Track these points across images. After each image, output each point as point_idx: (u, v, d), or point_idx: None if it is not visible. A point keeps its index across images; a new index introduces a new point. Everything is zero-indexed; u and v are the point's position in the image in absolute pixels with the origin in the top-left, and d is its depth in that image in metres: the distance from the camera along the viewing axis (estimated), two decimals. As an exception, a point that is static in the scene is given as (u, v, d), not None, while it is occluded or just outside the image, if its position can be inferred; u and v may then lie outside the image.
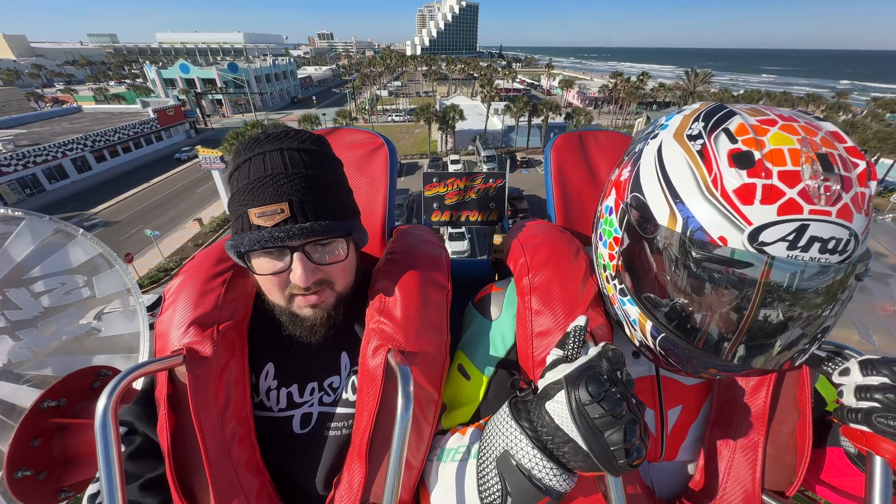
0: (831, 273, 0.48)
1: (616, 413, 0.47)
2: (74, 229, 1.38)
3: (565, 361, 0.57)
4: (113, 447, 0.57)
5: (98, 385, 1.15)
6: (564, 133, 1.08)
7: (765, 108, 0.57)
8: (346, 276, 0.74)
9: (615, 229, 0.65)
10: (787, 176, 0.47)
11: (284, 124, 0.73)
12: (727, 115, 0.55)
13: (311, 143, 0.70)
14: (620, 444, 0.46)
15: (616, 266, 0.65)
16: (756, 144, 0.50)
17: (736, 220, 0.48)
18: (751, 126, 0.52)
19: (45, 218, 1.33)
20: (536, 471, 0.52)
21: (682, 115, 0.62)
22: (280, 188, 0.63)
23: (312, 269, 0.67)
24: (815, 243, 0.46)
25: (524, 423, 0.55)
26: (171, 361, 0.68)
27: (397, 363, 0.64)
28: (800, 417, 0.71)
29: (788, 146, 0.48)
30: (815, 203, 0.46)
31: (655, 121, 0.69)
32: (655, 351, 0.63)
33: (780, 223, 0.46)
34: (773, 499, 0.69)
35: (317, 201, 0.66)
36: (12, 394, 1.21)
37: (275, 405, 0.77)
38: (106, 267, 1.43)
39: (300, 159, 0.66)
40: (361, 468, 0.68)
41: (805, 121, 0.53)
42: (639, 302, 0.61)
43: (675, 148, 0.57)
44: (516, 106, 36.48)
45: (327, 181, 0.69)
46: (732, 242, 0.49)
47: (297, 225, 0.63)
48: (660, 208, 0.56)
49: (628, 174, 0.64)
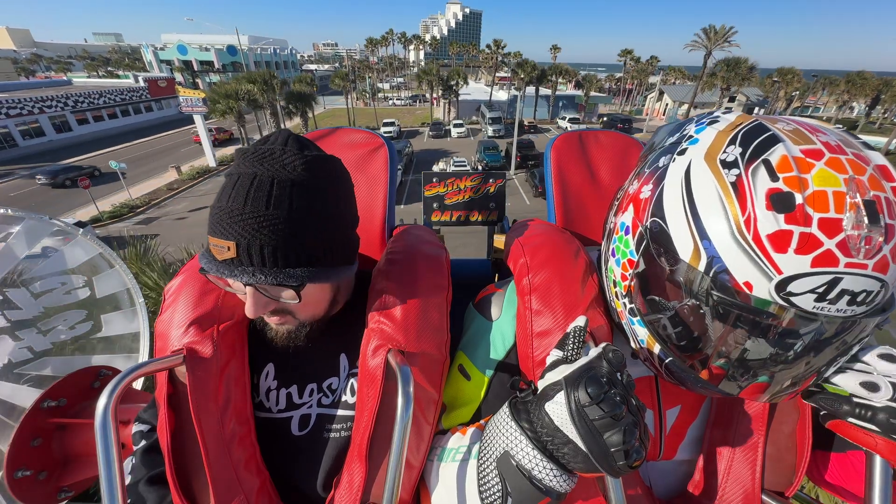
0: (856, 324, 0.47)
1: (616, 415, 0.47)
2: (74, 229, 1.38)
3: (565, 362, 0.57)
4: (113, 447, 0.57)
5: (98, 385, 1.15)
6: (564, 133, 1.08)
7: (811, 128, 0.50)
8: (308, 310, 0.71)
9: (631, 252, 0.61)
10: (828, 224, 0.43)
11: (288, 131, 0.69)
12: (768, 141, 0.48)
13: (294, 171, 0.62)
14: (620, 446, 0.46)
15: (628, 287, 0.63)
16: (798, 185, 0.44)
17: (765, 268, 0.45)
18: (794, 159, 0.46)
19: (45, 218, 1.33)
20: (536, 471, 0.52)
21: (716, 129, 0.55)
22: (231, 226, 0.59)
23: (265, 302, 0.64)
24: (845, 296, 0.43)
25: (524, 424, 0.55)
26: (171, 361, 0.68)
27: (397, 363, 0.64)
28: (799, 417, 0.71)
29: (834, 188, 0.43)
30: (853, 256, 0.42)
31: (682, 126, 0.62)
32: (661, 369, 0.62)
33: (812, 275, 0.43)
34: (772, 499, 0.69)
35: (266, 245, 0.60)
36: (12, 394, 1.21)
37: (274, 406, 0.77)
38: (106, 267, 1.44)
39: (266, 193, 0.60)
40: (361, 468, 0.68)
41: (853, 152, 0.47)
42: (649, 326, 0.60)
43: (707, 175, 0.51)
44: (523, 71, 35.69)
45: (292, 221, 0.61)
46: (758, 290, 0.46)
47: (241, 268, 0.60)
48: (683, 241, 0.52)
49: (650, 193, 0.58)
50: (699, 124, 0.59)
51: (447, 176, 2.36)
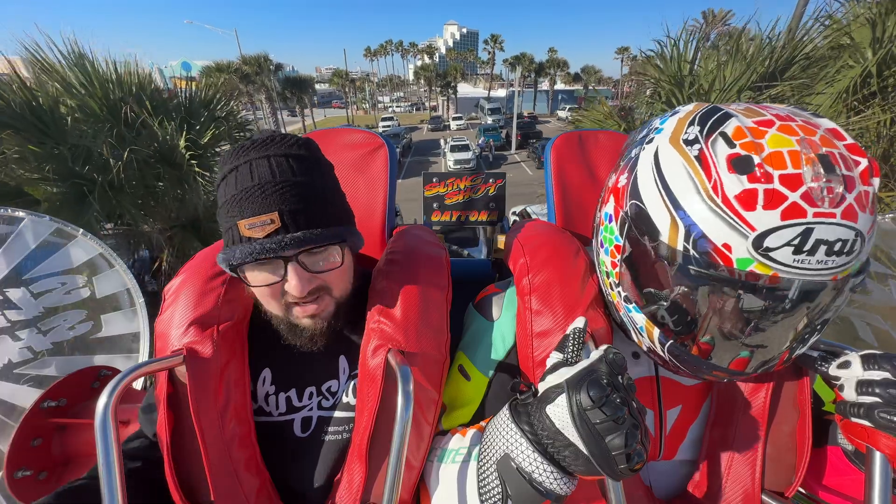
0: (838, 283, 0.48)
1: (617, 418, 0.47)
2: (74, 229, 1.38)
3: (566, 365, 0.57)
4: (113, 447, 0.57)
5: (98, 385, 1.16)
6: (564, 133, 1.08)
7: (761, 107, 0.56)
8: (343, 281, 0.72)
9: (616, 237, 0.64)
10: (789, 179, 0.46)
11: (272, 130, 0.72)
12: (723, 117, 0.54)
13: (299, 148, 0.67)
14: (622, 449, 0.46)
15: (619, 274, 0.64)
16: (754, 148, 0.49)
17: (739, 227, 0.48)
18: (747, 128, 0.51)
19: (45, 218, 1.33)
20: (537, 474, 0.52)
21: (677, 117, 0.61)
22: (269, 198, 0.61)
23: (308, 277, 0.65)
24: (822, 246, 0.46)
25: (524, 427, 0.55)
26: (171, 361, 0.68)
27: (397, 363, 0.64)
28: (799, 417, 0.71)
29: (788, 148, 0.48)
30: (818, 206, 0.45)
31: (649, 123, 0.67)
32: (665, 357, 0.62)
33: (785, 228, 0.46)
34: (772, 499, 0.69)
35: (308, 209, 0.63)
36: (12, 394, 1.21)
37: (274, 410, 0.77)
38: (106, 267, 1.44)
39: (288, 166, 0.64)
40: (361, 468, 0.68)
41: (802, 119, 0.52)
42: (644, 310, 0.61)
43: (672, 154, 0.56)
44: (521, 64, 35.94)
45: (317, 187, 0.66)
46: (737, 250, 0.48)
47: (290, 235, 0.61)
48: (660, 216, 0.55)
49: (626, 181, 0.63)
50: (663, 118, 0.64)
51: (447, 176, 2.36)
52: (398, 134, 30.12)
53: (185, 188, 3.71)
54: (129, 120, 3.47)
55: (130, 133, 3.44)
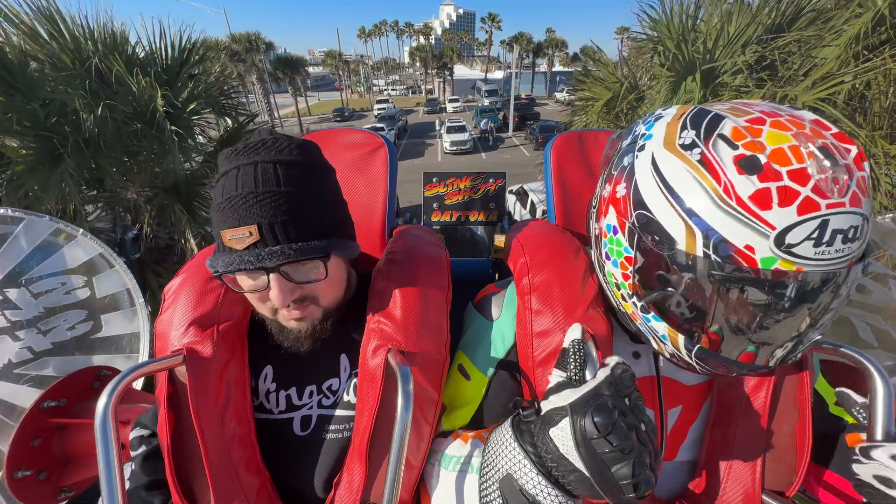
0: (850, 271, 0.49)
1: (625, 448, 0.45)
2: (74, 229, 1.38)
3: (570, 385, 0.55)
4: (113, 447, 0.57)
5: (98, 385, 1.16)
6: (564, 133, 1.08)
7: (741, 104, 0.56)
8: (331, 291, 0.71)
9: (626, 249, 0.62)
10: (797, 174, 0.47)
11: (270, 129, 0.70)
12: (715, 118, 0.54)
13: (292, 153, 0.65)
14: (629, 479, 0.45)
15: (633, 285, 0.63)
16: (757, 147, 0.49)
17: (758, 227, 0.47)
18: (743, 128, 0.51)
19: (45, 218, 1.33)
20: (541, 497, 0.50)
21: (664, 122, 0.60)
22: (250, 209, 0.59)
23: (291, 288, 0.64)
24: (838, 235, 0.47)
25: (528, 448, 0.53)
26: (171, 361, 0.68)
27: (397, 363, 0.64)
28: (800, 417, 0.71)
29: (787, 144, 0.48)
30: (829, 197, 0.46)
31: (632, 130, 0.66)
32: (691, 362, 0.61)
33: (803, 222, 0.46)
34: (773, 499, 0.69)
35: (289, 222, 0.62)
36: (12, 394, 1.21)
37: (274, 407, 0.77)
38: (106, 267, 1.44)
39: (273, 174, 0.62)
40: (361, 468, 0.68)
41: (787, 114, 0.52)
42: (666, 318, 0.60)
43: (672, 160, 0.55)
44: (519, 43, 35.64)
45: (304, 197, 0.64)
46: (760, 250, 0.48)
47: (268, 249, 0.60)
48: (673, 224, 0.54)
49: (625, 190, 0.61)
50: (647, 123, 0.64)
51: (447, 176, 2.36)
52: (393, 116, 29.59)
53: (164, 149, 3.47)
54: (103, 76, 3.23)
55: (106, 90, 3.20)
